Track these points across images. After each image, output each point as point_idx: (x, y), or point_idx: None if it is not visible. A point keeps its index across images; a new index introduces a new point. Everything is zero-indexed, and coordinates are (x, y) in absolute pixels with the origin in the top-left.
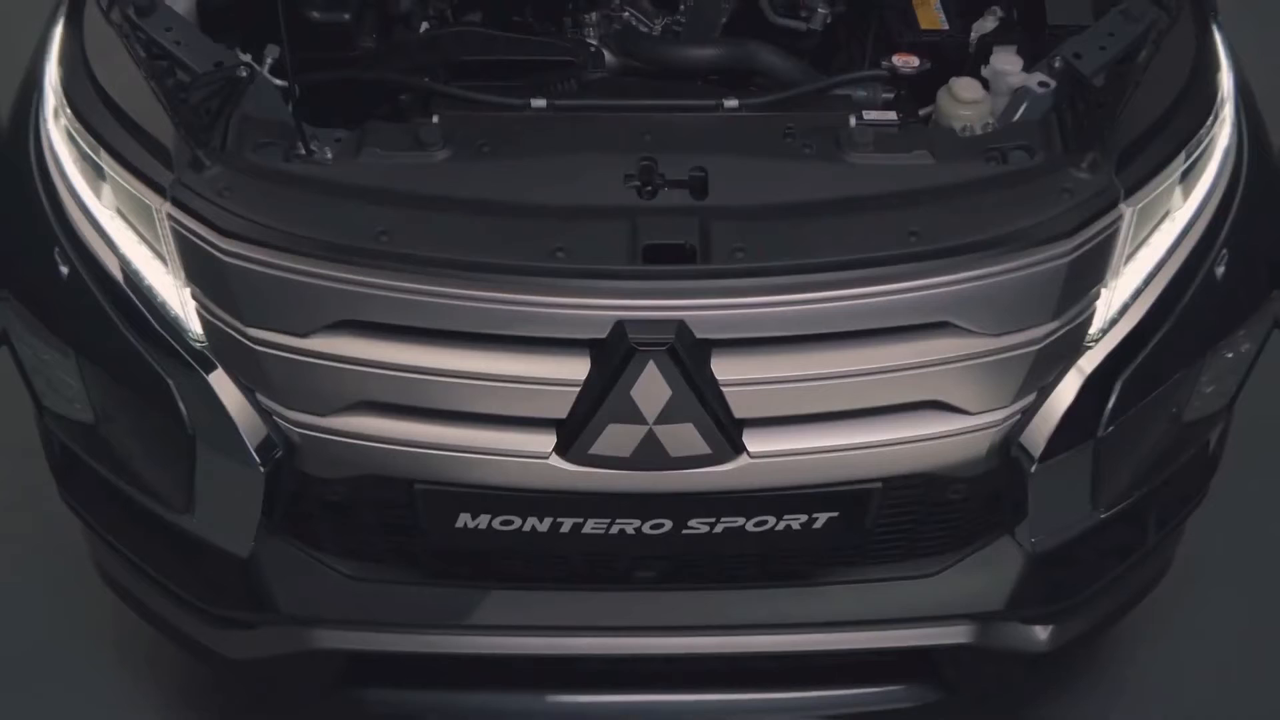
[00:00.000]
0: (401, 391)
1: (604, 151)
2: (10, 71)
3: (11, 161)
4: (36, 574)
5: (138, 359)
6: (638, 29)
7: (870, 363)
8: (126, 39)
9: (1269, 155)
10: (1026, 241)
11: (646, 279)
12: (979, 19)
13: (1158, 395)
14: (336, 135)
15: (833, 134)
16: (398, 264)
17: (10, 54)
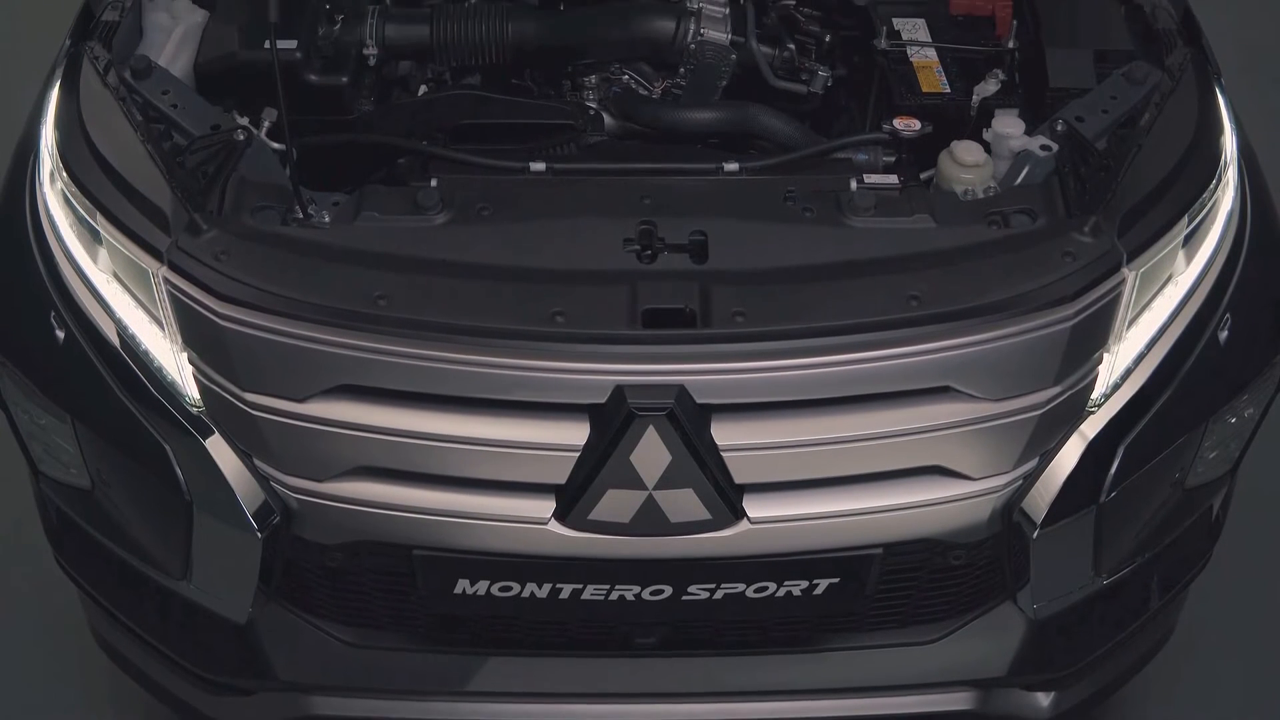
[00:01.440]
0: (400, 457)
1: (603, 215)
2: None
3: (7, 225)
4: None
5: (134, 424)
6: (637, 92)
7: (871, 428)
8: (123, 102)
9: (1272, 218)
10: (1028, 306)
11: (646, 343)
12: (980, 82)
13: (1160, 461)
14: (334, 199)
15: (833, 197)
16: (396, 328)
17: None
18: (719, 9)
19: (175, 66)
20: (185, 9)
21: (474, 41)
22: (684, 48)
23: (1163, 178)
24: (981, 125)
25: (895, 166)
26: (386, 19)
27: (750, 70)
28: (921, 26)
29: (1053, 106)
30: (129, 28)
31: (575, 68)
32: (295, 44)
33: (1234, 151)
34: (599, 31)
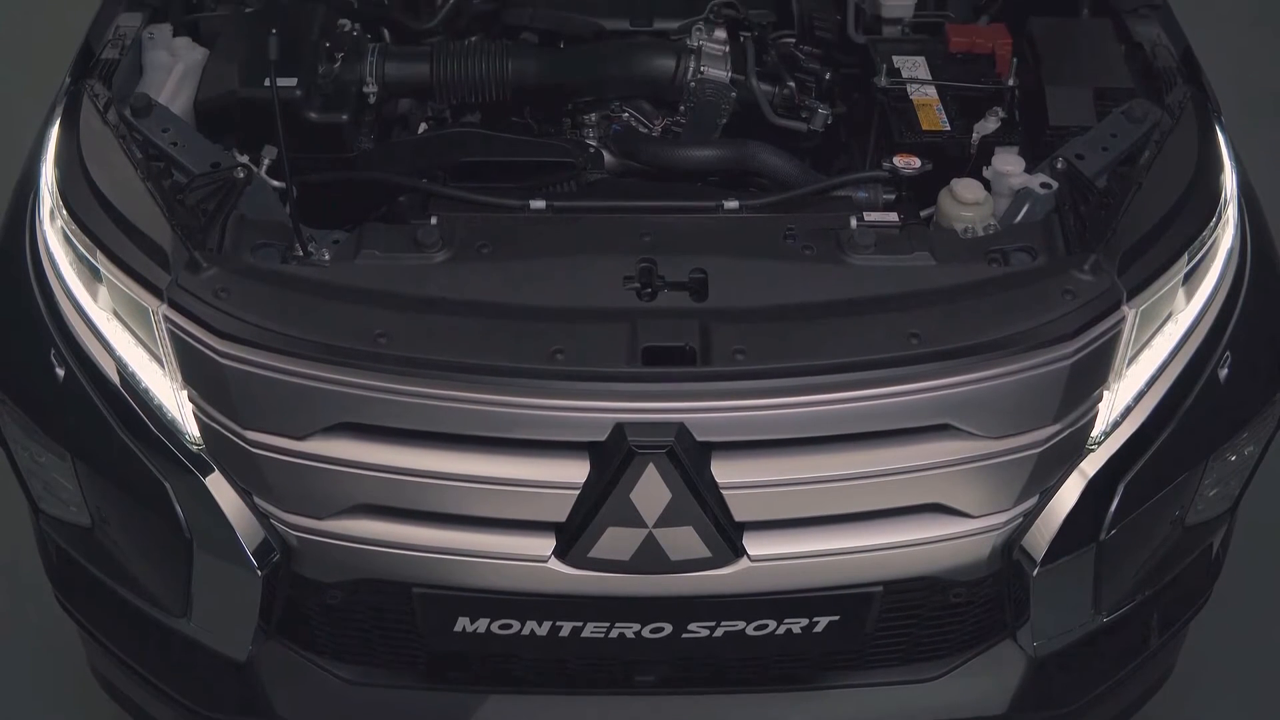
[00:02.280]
0: (400, 495)
1: (603, 253)
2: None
3: (7, 263)
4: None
5: (134, 462)
6: (637, 130)
7: (871, 465)
8: (123, 140)
9: (1272, 256)
10: (1028, 344)
11: (646, 381)
12: (980, 120)
13: (1160, 498)
14: (334, 236)
15: (833, 235)
16: (396, 366)
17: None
18: (719, 47)
19: (175, 104)
20: (185, 47)
21: (474, 79)
22: (684, 85)
23: (1163, 216)
24: (981, 163)
25: (895, 204)
26: (387, 57)
27: (750, 108)
28: (921, 64)
29: (1053, 144)
30: (129, 66)
31: (575, 105)
32: (295, 82)
33: (1234, 189)
34: (599, 70)
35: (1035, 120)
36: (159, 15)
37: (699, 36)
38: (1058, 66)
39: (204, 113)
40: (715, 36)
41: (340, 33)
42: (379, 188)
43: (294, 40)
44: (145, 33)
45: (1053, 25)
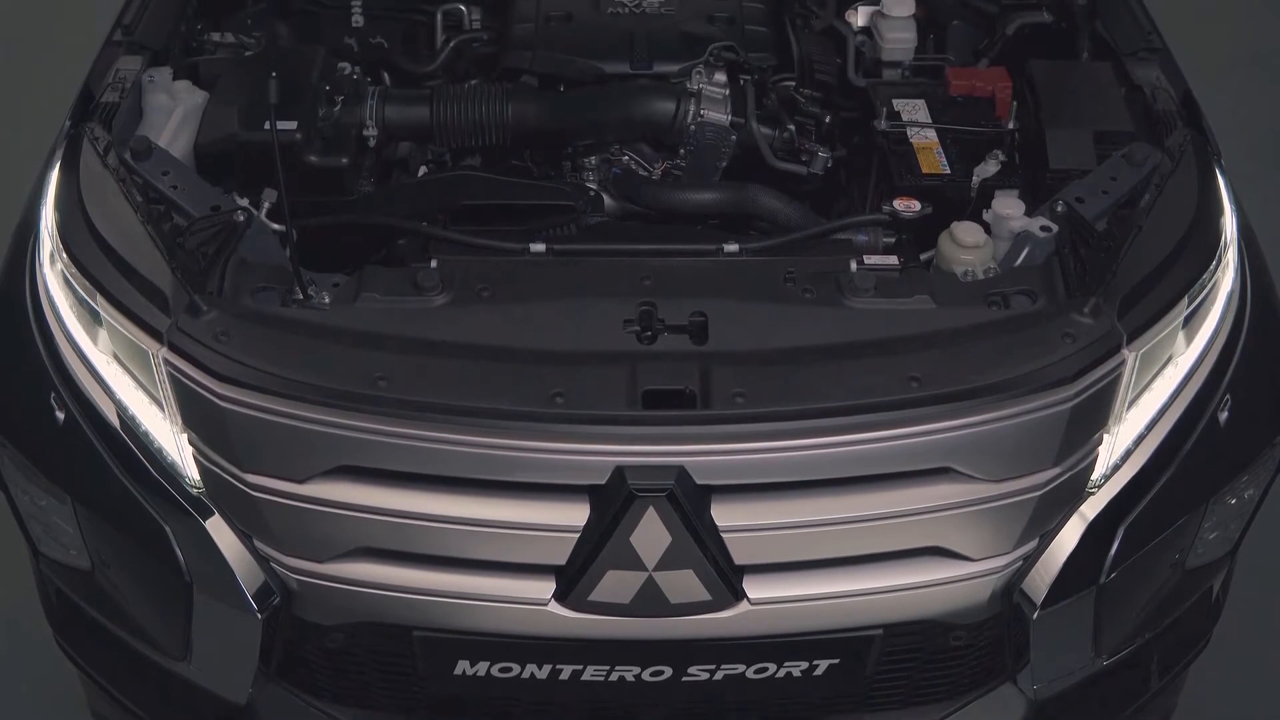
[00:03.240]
0: (400, 538)
1: (603, 296)
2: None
3: (8, 306)
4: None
5: (134, 505)
6: (637, 173)
7: (871, 508)
8: (123, 183)
9: (1272, 299)
10: (1028, 387)
11: (646, 424)
12: (980, 163)
13: (1161, 542)
14: (334, 280)
15: (833, 278)
16: (396, 409)
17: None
18: (719, 90)
19: (175, 147)
20: (185, 90)
21: (474, 123)
22: (684, 129)
23: (1163, 259)
24: (981, 206)
25: (895, 247)
26: (386, 100)
27: (750, 151)
28: (921, 107)
29: (1053, 188)
30: (129, 109)
31: (575, 149)
32: (295, 125)
33: (1234, 233)
34: (599, 113)
35: (1035, 163)
36: (159, 59)
37: (699, 80)
38: (1058, 109)
39: (204, 156)
40: (715, 80)
41: (340, 76)
42: (379, 231)
43: (294, 84)
44: (145, 76)
45: (1053, 68)
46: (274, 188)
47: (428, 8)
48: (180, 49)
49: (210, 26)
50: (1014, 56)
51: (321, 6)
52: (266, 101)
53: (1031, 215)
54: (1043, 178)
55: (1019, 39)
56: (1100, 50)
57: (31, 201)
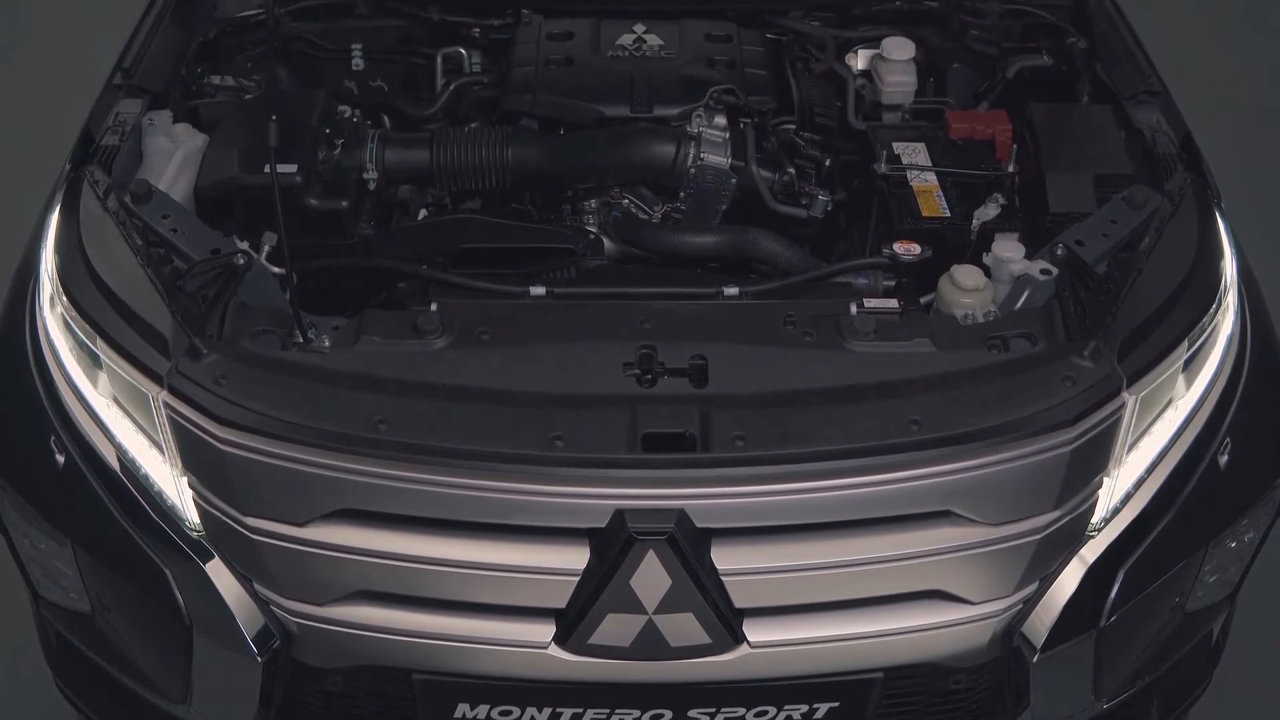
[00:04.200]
0: (399, 581)
1: (603, 339)
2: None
3: (7, 349)
4: None
5: (134, 548)
6: (637, 216)
7: (871, 552)
8: (123, 226)
9: (1272, 342)
10: (1028, 430)
11: (646, 468)
12: (980, 206)
13: (1161, 585)
14: (334, 323)
15: (833, 321)
16: (395, 453)
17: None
18: (719, 133)
19: (175, 190)
20: (185, 133)
21: (474, 166)
22: (684, 172)
23: (1163, 302)
24: (981, 249)
25: (895, 291)
26: (386, 144)
27: (750, 194)
28: (921, 151)
29: (1053, 231)
30: (129, 152)
31: (575, 192)
32: (295, 168)
33: (1234, 276)
34: (599, 156)
35: (1035, 206)
36: (159, 101)
37: (699, 123)
38: (1058, 152)
39: (204, 199)
40: (715, 123)
41: (340, 119)
42: (379, 274)
43: (294, 127)
44: (145, 119)
45: (1053, 111)
46: (274, 231)
47: (428, 51)
48: (180, 92)
49: (210, 70)
50: (1014, 99)
51: (322, 50)
52: (266, 144)
53: (1031, 258)
54: (1043, 221)
55: (1019, 82)
56: (1100, 93)
57: (31, 244)
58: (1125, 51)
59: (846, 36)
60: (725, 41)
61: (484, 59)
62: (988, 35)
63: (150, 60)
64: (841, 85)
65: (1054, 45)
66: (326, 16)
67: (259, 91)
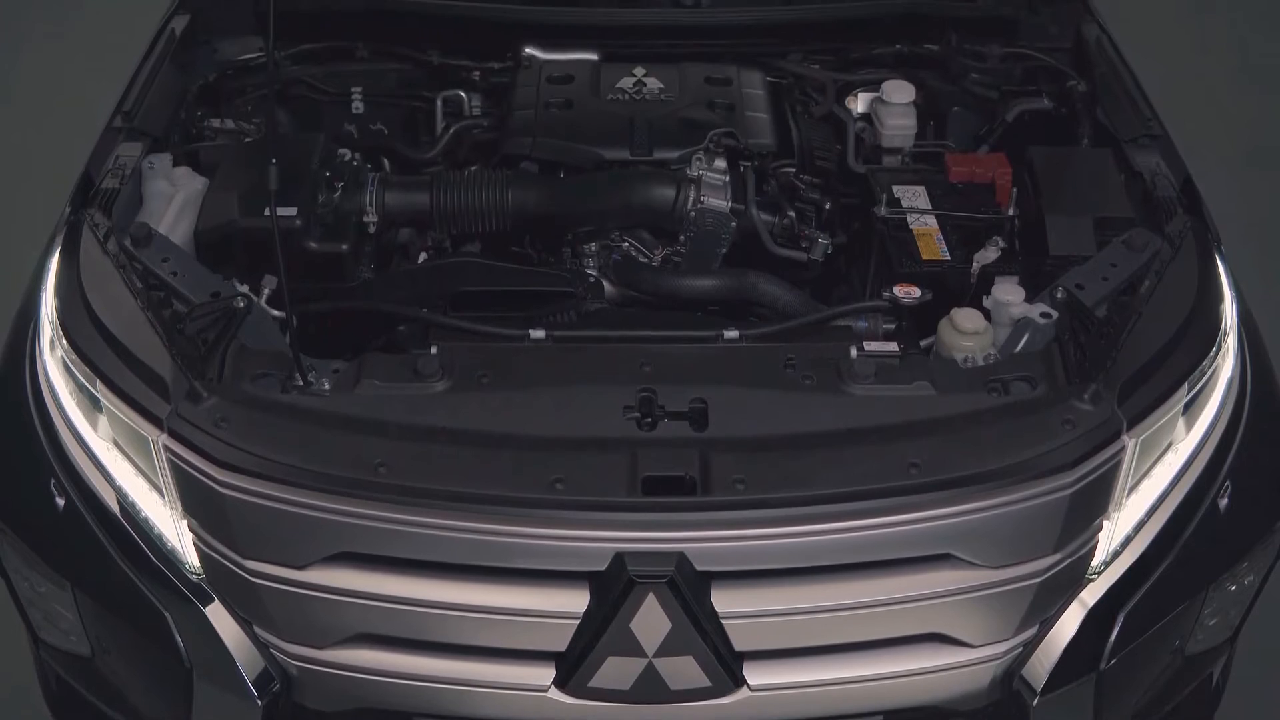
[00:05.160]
0: (400, 624)
1: (603, 383)
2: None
3: (8, 392)
4: None
5: (134, 591)
6: (637, 259)
7: (872, 595)
8: (123, 269)
9: (1272, 386)
10: (1028, 474)
11: (646, 511)
12: (980, 249)
13: (1160, 628)
14: (334, 366)
15: (833, 365)
16: (395, 496)
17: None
18: (719, 176)
19: (175, 234)
20: (185, 176)
21: (474, 209)
22: (684, 215)
23: (1163, 345)
24: (981, 292)
25: (895, 334)
26: (386, 187)
27: (750, 237)
28: (921, 194)
29: (1053, 274)
30: (129, 195)
31: (575, 235)
32: (295, 211)
33: (1234, 319)
34: (599, 199)
35: (1035, 249)
36: (159, 145)
37: (699, 166)
38: (1058, 196)
39: (204, 242)
40: (715, 166)
41: (340, 162)
42: (379, 317)
43: (294, 170)
44: (145, 162)
45: (1052, 154)
46: (274, 274)
47: (428, 94)
48: (180, 135)
49: (210, 113)
50: (1014, 143)
51: (322, 93)
52: (266, 188)
53: (1031, 301)
54: (1043, 264)
55: (1019, 125)
56: (1100, 137)
57: (31, 288)
58: (1125, 95)
59: (847, 80)
60: (725, 85)
61: (484, 102)
62: (988, 79)
63: (150, 103)
64: (841, 128)
65: (1054, 88)
66: (326, 60)
67: (259, 135)
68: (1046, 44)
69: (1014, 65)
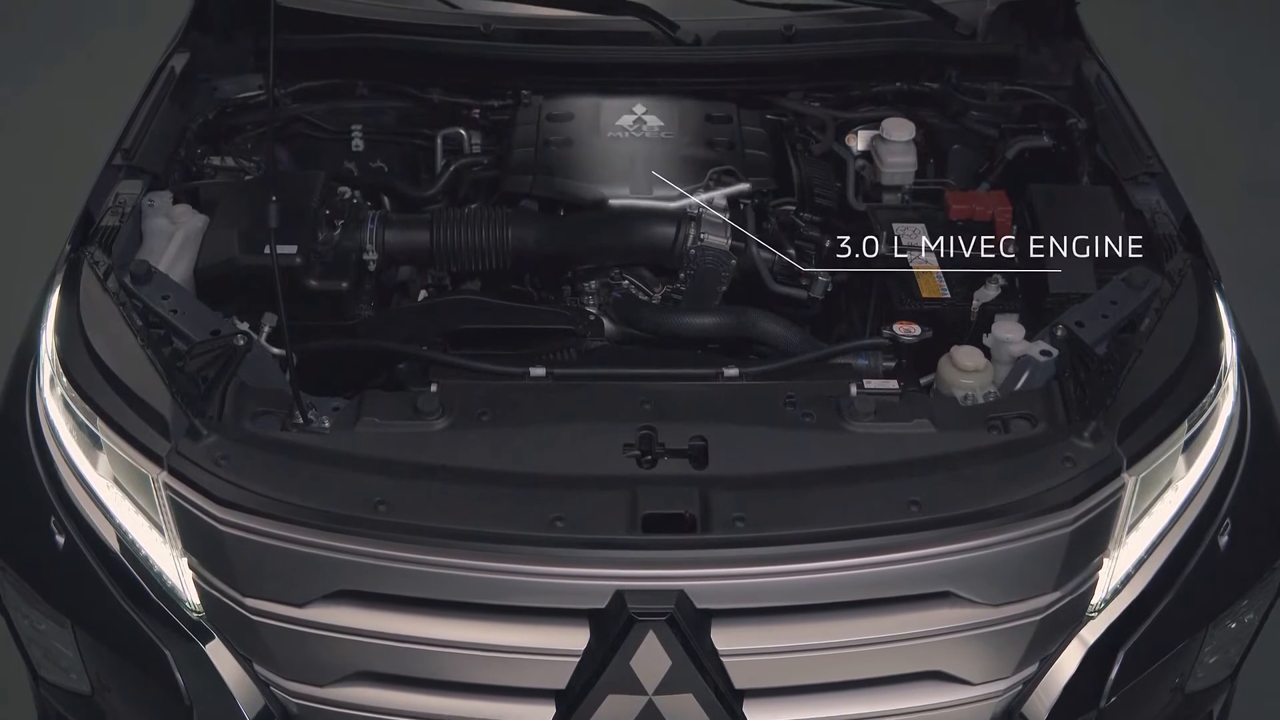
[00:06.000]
0: (400, 662)
1: (603, 420)
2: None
3: (7, 430)
4: None
5: (134, 629)
6: (637, 297)
7: (872, 633)
8: (123, 307)
9: (1272, 423)
10: (1028, 511)
11: (646, 549)
12: (980, 287)
13: (1160, 666)
14: (334, 404)
15: (833, 402)
16: (395, 534)
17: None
18: (719, 214)
19: (175, 271)
20: (185, 214)
21: (474, 247)
22: (684, 253)
23: (1163, 383)
24: (981, 330)
25: (895, 371)
26: (386, 224)
27: (750, 275)
28: (921, 231)
29: (1053, 311)
30: (129, 233)
31: (575, 273)
32: (295, 249)
33: (1234, 357)
34: (599, 237)
35: (1035, 287)
36: (159, 182)
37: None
38: (1058, 233)
39: (204, 280)
40: (715, 204)
41: (340, 200)
42: (379, 355)
43: (294, 207)
44: (145, 200)
45: (1053, 192)
46: (274, 312)
47: (428, 132)
48: (180, 173)
49: (210, 150)
50: (1014, 180)
51: (322, 131)
52: (266, 225)
53: (1031, 339)
54: (1043, 301)
55: (1019, 163)
56: (1100, 174)
57: (31, 325)
58: (1125, 133)
59: (846, 117)
60: (725, 122)
61: (484, 140)
62: (988, 116)
63: (150, 141)
64: (841, 166)
65: (1054, 126)
66: (326, 97)
67: (259, 172)
68: (1047, 82)
69: (1014, 103)
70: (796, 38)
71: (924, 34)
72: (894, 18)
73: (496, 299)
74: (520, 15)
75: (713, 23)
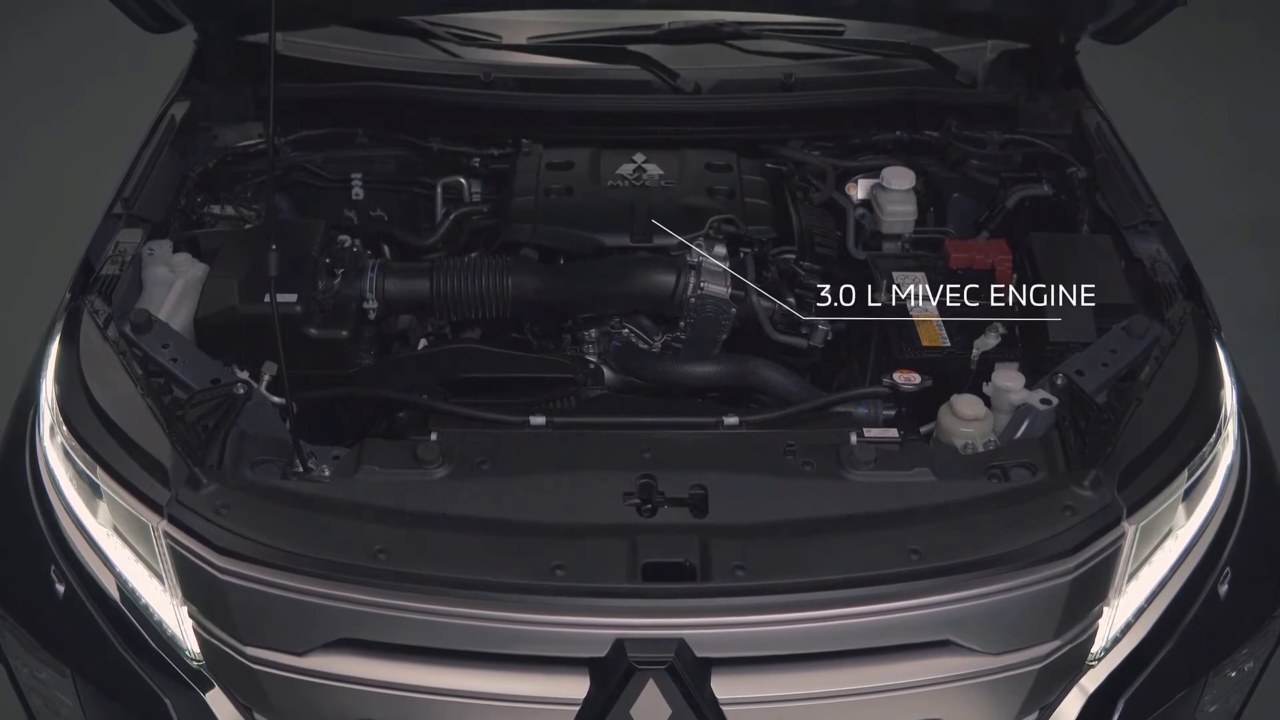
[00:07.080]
0: (400, 711)
1: (603, 469)
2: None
3: (8, 479)
4: None
5: (134, 678)
6: (637, 346)
7: (871, 681)
8: (123, 356)
9: (1272, 472)
10: (1028, 560)
11: (646, 597)
12: (980, 336)
13: (1161, 714)
14: (334, 452)
15: (833, 451)
16: (395, 583)
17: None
18: (719, 263)
19: (175, 320)
20: (185, 263)
21: (474, 295)
22: (684, 301)
23: (1163, 432)
24: (982, 379)
25: (895, 420)
26: (386, 273)
27: (750, 323)
28: (921, 280)
29: (1053, 360)
30: (129, 282)
31: (575, 321)
32: (295, 298)
33: (1234, 405)
34: (599, 286)
35: (1035, 336)
36: (159, 231)
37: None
38: (1058, 282)
39: (204, 329)
40: (715, 252)
41: (340, 249)
42: (379, 403)
43: (294, 256)
44: (145, 249)
45: (1053, 240)
46: (274, 360)
47: (428, 180)
48: (180, 222)
49: (210, 199)
50: (1014, 229)
51: (322, 179)
52: (266, 274)
53: (1031, 388)
54: (1043, 350)
55: (1019, 211)
56: (1100, 222)
57: (31, 374)
58: (1125, 181)
59: (846, 166)
60: (725, 171)
61: (484, 188)
62: (988, 164)
63: (150, 189)
64: (841, 214)
65: (1054, 174)
66: (326, 146)
67: (259, 221)
68: (1046, 130)
69: (1014, 151)
70: (796, 86)
71: (924, 82)
72: (894, 66)
73: (497, 347)
74: (520, 64)
75: (713, 71)
